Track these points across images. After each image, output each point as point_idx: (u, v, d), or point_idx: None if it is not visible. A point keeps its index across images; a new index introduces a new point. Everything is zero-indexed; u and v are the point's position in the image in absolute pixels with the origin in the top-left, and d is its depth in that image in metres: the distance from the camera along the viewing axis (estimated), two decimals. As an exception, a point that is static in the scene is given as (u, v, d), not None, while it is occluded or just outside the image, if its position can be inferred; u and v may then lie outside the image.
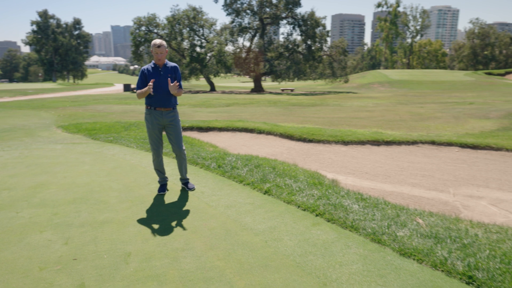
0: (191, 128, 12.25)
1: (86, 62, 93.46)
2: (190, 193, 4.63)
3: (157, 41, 4.36)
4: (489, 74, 54.45)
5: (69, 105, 20.85)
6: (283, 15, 39.99)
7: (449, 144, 10.40)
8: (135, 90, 36.85)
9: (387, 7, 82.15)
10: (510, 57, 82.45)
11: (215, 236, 3.46)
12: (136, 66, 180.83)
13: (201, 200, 4.37)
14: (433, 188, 7.52)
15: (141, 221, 3.87)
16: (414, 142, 10.57)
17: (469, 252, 2.71)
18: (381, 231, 3.14)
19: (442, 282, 2.48)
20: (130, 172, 5.70)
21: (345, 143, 10.57)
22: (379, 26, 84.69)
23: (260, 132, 12.13)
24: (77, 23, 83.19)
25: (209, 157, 6.10)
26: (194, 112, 18.06)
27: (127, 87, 39.92)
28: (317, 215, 3.65)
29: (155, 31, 41.52)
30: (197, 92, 40.59)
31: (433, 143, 10.49)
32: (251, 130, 12.33)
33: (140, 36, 40.23)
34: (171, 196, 4.58)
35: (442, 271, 2.59)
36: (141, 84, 4.44)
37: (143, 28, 40.89)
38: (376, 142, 10.62)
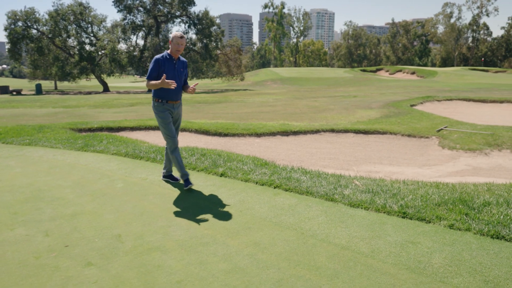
0: (100, 129, 11.90)
1: None
2: (149, 182, 4.91)
3: (179, 32, 4.31)
4: (364, 71, 61.68)
5: None
6: (178, 13, 39.83)
7: (346, 131, 12.01)
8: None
9: (273, 8, 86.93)
10: (378, 56, 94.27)
11: (192, 213, 3.90)
12: (4, 66, 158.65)
13: (163, 187, 4.72)
14: (340, 167, 8.81)
15: (113, 210, 4.09)
16: (317, 131, 11.93)
17: (399, 198, 3.69)
18: (331, 192, 3.97)
19: (386, 219, 3.38)
20: (72, 170, 5.66)
21: (258, 135, 11.45)
22: (267, 26, 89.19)
23: (175, 129, 12.34)
24: None
25: (151, 150, 6.35)
26: (97, 113, 17.28)
27: (4, 90, 35.58)
28: (275, 187, 4.34)
29: (35, 26, 37.72)
30: (89, 93, 38.13)
31: (332, 131, 11.99)
32: (165, 128, 12.45)
33: (17, 32, 36.14)
34: (130, 187, 4.81)
35: (384, 212, 3.50)
36: (154, 73, 4.30)
37: (19, 23, 36.80)
38: (285, 133, 11.73)
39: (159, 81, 4.16)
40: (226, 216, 3.75)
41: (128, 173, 5.33)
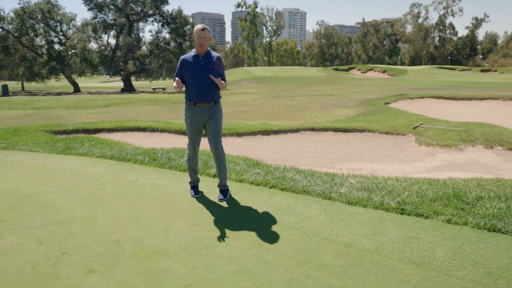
0: (76, 131, 11.61)
1: None
2: (140, 185, 4.81)
3: (200, 25, 3.95)
4: (337, 69, 62.67)
5: None
6: (150, 12, 39.17)
7: (325, 129, 12.16)
8: None
9: (246, 8, 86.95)
10: (350, 55, 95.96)
11: (190, 215, 3.86)
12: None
13: (156, 189, 4.63)
14: (323, 166, 8.93)
15: (107, 214, 3.99)
16: (297, 130, 12.03)
17: (395, 195, 3.78)
18: (328, 191, 4.02)
19: (385, 216, 3.46)
20: (56, 175, 5.48)
21: (239, 134, 11.44)
22: (240, 25, 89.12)
23: (153, 130, 12.19)
24: None
25: (138, 152, 6.23)
26: (71, 114, 16.80)
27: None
28: (271, 187, 4.36)
29: (0, 25, 36.16)
30: (59, 93, 36.96)
31: (312, 129, 12.12)
32: (143, 129, 12.30)
33: (-20, 31, 34.56)
34: (121, 190, 4.70)
35: (382, 209, 3.58)
36: (178, 74, 4.04)
37: (-17, 21, 35.20)
38: (266, 132, 11.77)
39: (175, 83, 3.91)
40: (226, 218, 3.73)
41: (116, 176, 5.21)
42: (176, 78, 3.94)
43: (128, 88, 39.16)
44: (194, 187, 4.42)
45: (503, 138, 10.43)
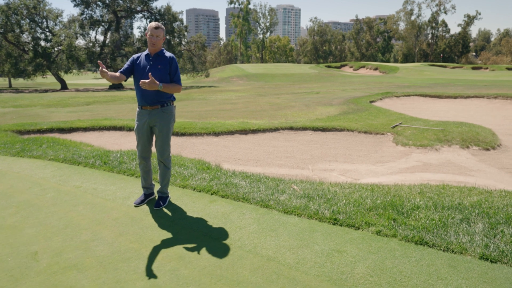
0: (51, 130, 11.37)
1: None
2: (82, 190, 4.63)
3: (154, 23, 3.74)
4: (329, 67, 62.54)
5: None
6: (138, 8, 38.77)
7: (304, 128, 12.01)
8: None
9: (239, 4, 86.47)
10: (343, 52, 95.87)
11: (121, 224, 3.68)
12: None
13: (96, 195, 4.45)
14: (296, 166, 8.78)
15: (36, 223, 3.80)
16: (276, 129, 11.86)
17: (332, 203, 3.63)
18: (267, 198, 3.87)
19: (317, 226, 3.31)
20: (1, 179, 5.28)
21: (216, 134, 11.26)
22: (233, 22, 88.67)
23: (130, 129, 11.97)
24: None
25: (91, 155, 6.03)
26: (50, 113, 16.54)
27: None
28: (212, 194, 4.19)
29: (-16, 21, 35.62)
30: (46, 91, 36.52)
31: (291, 128, 11.96)
32: (120, 128, 12.07)
33: (-36, 27, 34.00)
34: (61, 196, 4.51)
35: (316, 219, 3.43)
36: (123, 68, 3.79)
37: (-33, 17, 34.64)
38: (244, 131, 11.59)
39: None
40: (156, 228, 3.56)
41: (62, 181, 5.02)
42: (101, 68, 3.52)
43: (116, 85, 38.77)
44: (143, 195, 4.21)
45: (479, 138, 10.34)
